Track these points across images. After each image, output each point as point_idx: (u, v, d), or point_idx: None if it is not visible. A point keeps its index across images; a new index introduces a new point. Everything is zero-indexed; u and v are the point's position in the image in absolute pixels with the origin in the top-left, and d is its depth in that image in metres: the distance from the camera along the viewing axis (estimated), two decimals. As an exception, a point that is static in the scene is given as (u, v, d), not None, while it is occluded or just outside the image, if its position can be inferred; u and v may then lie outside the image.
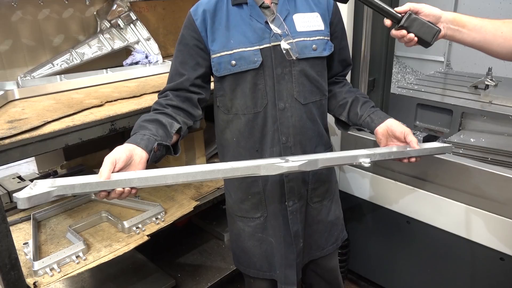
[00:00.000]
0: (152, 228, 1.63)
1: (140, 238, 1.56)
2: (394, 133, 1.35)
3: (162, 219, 1.67)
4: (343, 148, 2.03)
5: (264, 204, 1.46)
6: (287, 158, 1.19)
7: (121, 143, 1.10)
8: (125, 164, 1.06)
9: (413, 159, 1.33)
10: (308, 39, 1.33)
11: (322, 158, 1.20)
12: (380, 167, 1.94)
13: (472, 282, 1.79)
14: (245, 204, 1.48)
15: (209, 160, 2.19)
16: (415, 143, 1.30)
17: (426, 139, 2.15)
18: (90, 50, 2.02)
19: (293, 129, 1.37)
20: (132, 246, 1.53)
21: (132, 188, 1.01)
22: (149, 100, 1.56)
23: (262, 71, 1.31)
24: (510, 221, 1.59)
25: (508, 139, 1.82)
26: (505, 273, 1.67)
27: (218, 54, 1.30)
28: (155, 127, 1.19)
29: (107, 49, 2.06)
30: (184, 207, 1.76)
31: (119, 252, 1.49)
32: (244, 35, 1.29)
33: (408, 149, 1.32)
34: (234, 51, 1.28)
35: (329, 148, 1.51)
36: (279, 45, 1.27)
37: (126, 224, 1.59)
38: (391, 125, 1.36)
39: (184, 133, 1.30)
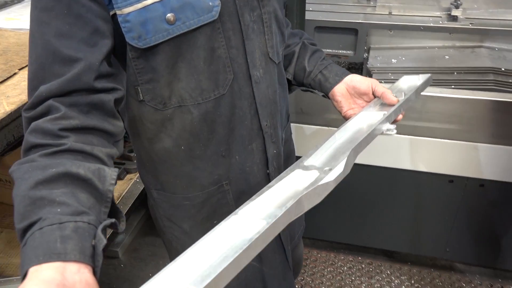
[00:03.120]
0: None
1: None
2: (358, 90, 0.99)
3: None
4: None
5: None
6: (310, 163, 0.71)
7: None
8: None
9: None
10: None
11: (354, 147, 0.76)
12: (305, 114, 1.59)
13: (423, 209, 1.73)
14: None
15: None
16: (389, 94, 0.95)
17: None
18: None
19: (270, 106, 0.88)
20: None
21: None
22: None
23: (220, 24, 0.74)
24: (456, 143, 1.49)
25: (428, 52, 1.67)
26: (454, 194, 1.62)
27: (138, 5, 0.66)
28: (71, 193, 0.54)
29: None
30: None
31: None
32: None
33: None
34: None
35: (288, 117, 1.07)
36: None
37: None
38: (352, 81, 0.99)
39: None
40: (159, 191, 0.93)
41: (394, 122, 0.93)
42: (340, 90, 0.99)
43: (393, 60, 1.65)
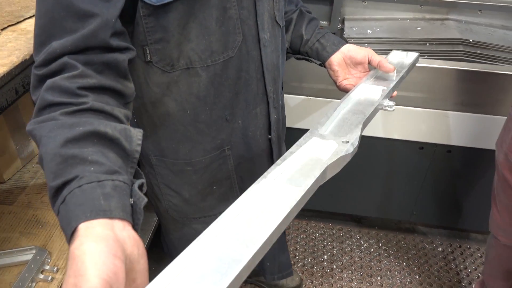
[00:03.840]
0: (48, 293, 0.93)
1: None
2: (354, 60, 1.00)
3: (55, 269, 0.97)
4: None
5: (237, 189, 0.98)
6: (324, 131, 0.72)
7: None
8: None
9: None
10: None
11: (364, 121, 0.78)
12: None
13: (393, 175, 1.81)
14: (207, 200, 0.96)
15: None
16: (386, 62, 0.99)
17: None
18: None
19: (274, 71, 0.88)
20: None
21: None
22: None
23: None
24: (427, 111, 1.57)
25: (401, 23, 1.72)
26: (423, 160, 1.71)
27: None
28: (100, 152, 0.52)
29: None
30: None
31: None
32: None
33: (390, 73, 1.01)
34: None
35: None
36: None
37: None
38: (349, 50, 1.00)
39: None
40: (158, 158, 0.91)
41: (390, 97, 0.96)
42: (337, 60, 1.00)
43: (368, 30, 1.68)
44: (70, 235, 0.43)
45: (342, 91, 1.00)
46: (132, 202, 0.50)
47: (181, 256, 0.46)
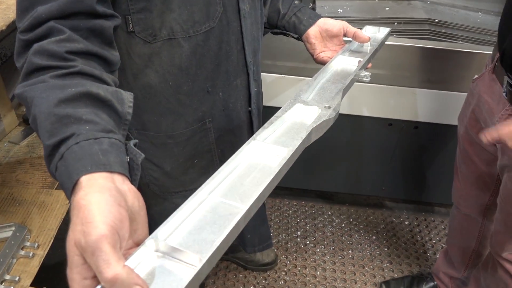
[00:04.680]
0: (29, 269, 0.92)
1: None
2: (330, 32, 1.03)
3: (36, 245, 0.96)
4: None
5: (217, 162, 0.99)
6: (307, 98, 0.75)
7: None
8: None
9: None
10: None
11: (344, 89, 0.81)
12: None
13: (363, 152, 1.87)
14: (188, 173, 0.98)
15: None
16: (361, 33, 1.03)
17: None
18: None
19: (254, 43, 0.90)
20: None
21: None
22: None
23: None
24: (396, 88, 1.63)
25: (370, 3, 1.76)
26: (392, 136, 1.78)
27: None
28: (94, 113, 0.53)
29: None
30: (55, 207, 1.05)
31: None
32: None
33: (363, 46, 1.05)
34: None
35: None
36: None
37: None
38: (325, 23, 1.03)
39: None
40: (140, 131, 0.91)
41: (366, 69, 1.00)
42: (313, 33, 1.02)
43: (339, 10, 1.72)
44: (71, 189, 0.44)
45: (319, 64, 1.03)
46: (128, 159, 0.51)
47: (179, 211, 0.48)
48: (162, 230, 0.44)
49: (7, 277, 0.89)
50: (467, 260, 1.50)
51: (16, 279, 0.90)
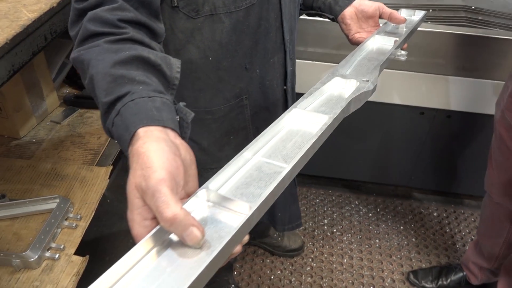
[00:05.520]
0: (72, 239, 0.96)
1: (66, 268, 0.90)
2: (366, 13, 1.02)
3: (79, 217, 1.00)
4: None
5: (252, 140, 1.01)
6: (344, 72, 0.76)
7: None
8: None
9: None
10: None
11: (381, 64, 0.82)
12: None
13: (393, 140, 1.86)
14: (224, 150, 1.00)
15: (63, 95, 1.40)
16: (397, 14, 1.02)
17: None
18: None
19: (291, 22, 0.91)
20: None
21: None
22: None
23: None
24: (429, 76, 1.61)
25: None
26: (423, 125, 1.76)
27: None
28: (145, 75, 0.56)
29: None
30: (95, 182, 1.09)
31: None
32: None
33: (399, 27, 1.05)
34: None
35: None
36: None
37: (32, 253, 0.88)
38: (361, 4, 1.02)
39: None
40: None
41: (402, 48, 1.00)
42: (349, 14, 1.02)
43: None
44: (129, 140, 0.47)
45: (354, 45, 1.03)
46: (178, 118, 0.53)
47: (227, 167, 0.50)
48: (213, 182, 0.47)
49: (53, 245, 0.94)
50: (498, 250, 1.48)
51: (61, 247, 0.94)
